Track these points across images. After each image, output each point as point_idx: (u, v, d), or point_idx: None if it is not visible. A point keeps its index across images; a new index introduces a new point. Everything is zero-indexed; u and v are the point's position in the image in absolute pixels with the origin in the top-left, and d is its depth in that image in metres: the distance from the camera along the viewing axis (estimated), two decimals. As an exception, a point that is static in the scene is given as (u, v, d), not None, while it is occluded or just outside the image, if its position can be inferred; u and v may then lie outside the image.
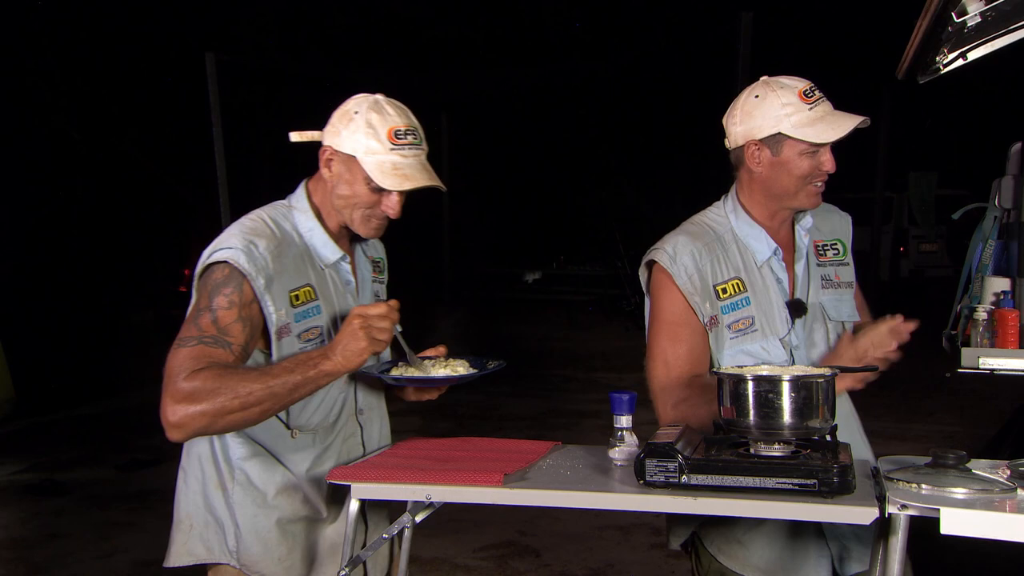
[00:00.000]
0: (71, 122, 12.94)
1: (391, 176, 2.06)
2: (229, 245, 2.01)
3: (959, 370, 2.58)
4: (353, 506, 1.95)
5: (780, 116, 2.17)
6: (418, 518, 2.10)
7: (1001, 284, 2.61)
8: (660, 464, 1.84)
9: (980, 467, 1.87)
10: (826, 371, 1.91)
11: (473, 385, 2.23)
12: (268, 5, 13.84)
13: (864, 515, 1.71)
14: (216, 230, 2.66)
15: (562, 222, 17.56)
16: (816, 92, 2.20)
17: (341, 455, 2.20)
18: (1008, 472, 1.83)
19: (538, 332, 12.50)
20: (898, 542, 1.70)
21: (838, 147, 2.25)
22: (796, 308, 2.22)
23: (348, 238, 2.22)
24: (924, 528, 1.70)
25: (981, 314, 2.59)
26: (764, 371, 1.94)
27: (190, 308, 2.02)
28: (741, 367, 2.01)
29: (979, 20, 2.34)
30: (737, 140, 2.26)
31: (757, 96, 2.22)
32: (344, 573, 1.96)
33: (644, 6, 13.43)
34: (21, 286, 10.77)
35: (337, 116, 2.13)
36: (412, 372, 2.15)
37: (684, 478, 1.82)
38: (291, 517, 2.12)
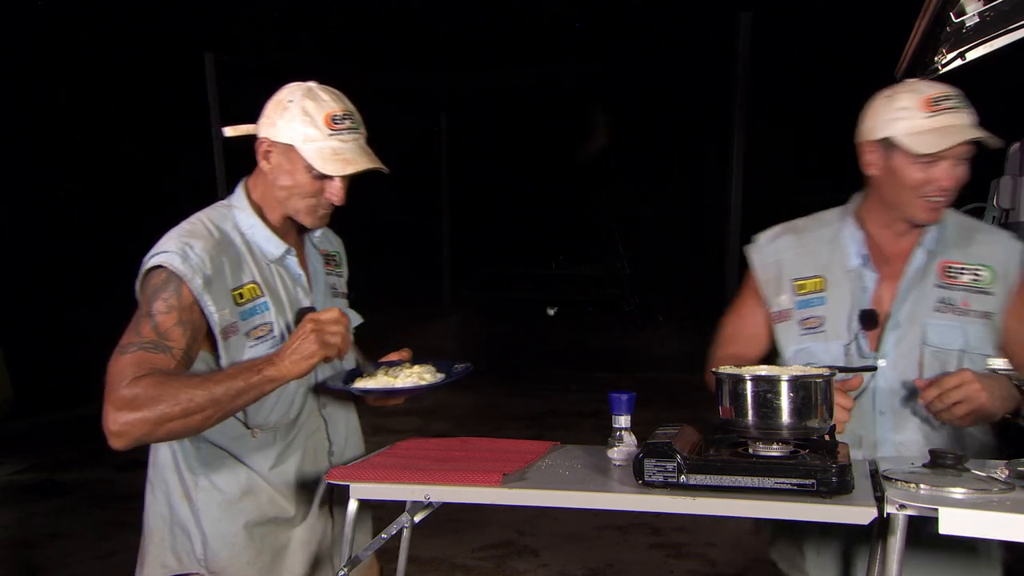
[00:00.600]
0: (70, 122, 12.94)
1: (332, 162, 2.02)
2: (164, 249, 1.98)
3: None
4: (352, 506, 1.95)
5: (893, 120, 2.06)
6: (417, 518, 2.10)
7: (1000, 284, 2.61)
8: (659, 464, 1.84)
9: (978, 467, 1.87)
10: (824, 371, 1.91)
11: (471, 385, 2.23)
12: (267, 5, 13.84)
13: (862, 515, 1.71)
14: None
15: (562, 222, 17.56)
16: (947, 102, 2.03)
17: (307, 451, 2.17)
18: (1007, 472, 1.83)
19: (538, 332, 12.50)
20: (897, 542, 1.71)
21: (834, 151, 2.24)
22: (867, 319, 2.14)
23: (295, 231, 2.18)
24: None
25: (980, 314, 2.60)
26: (763, 371, 1.95)
27: (140, 306, 1.99)
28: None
29: (977, 20, 2.34)
30: (857, 137, 2.16)
31: (885, 96, 2.12)
32: (343, 573, 1.97)
33: (643, 6, 13.43)
34: (21, 286, 10.77)
35: (271, 107, 2.10)
36: (375, 382, 2.13)
37: (683, 478, 1.83)
38: (258, 519, 2.09)
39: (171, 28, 12.73)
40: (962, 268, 2.13)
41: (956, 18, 2.22)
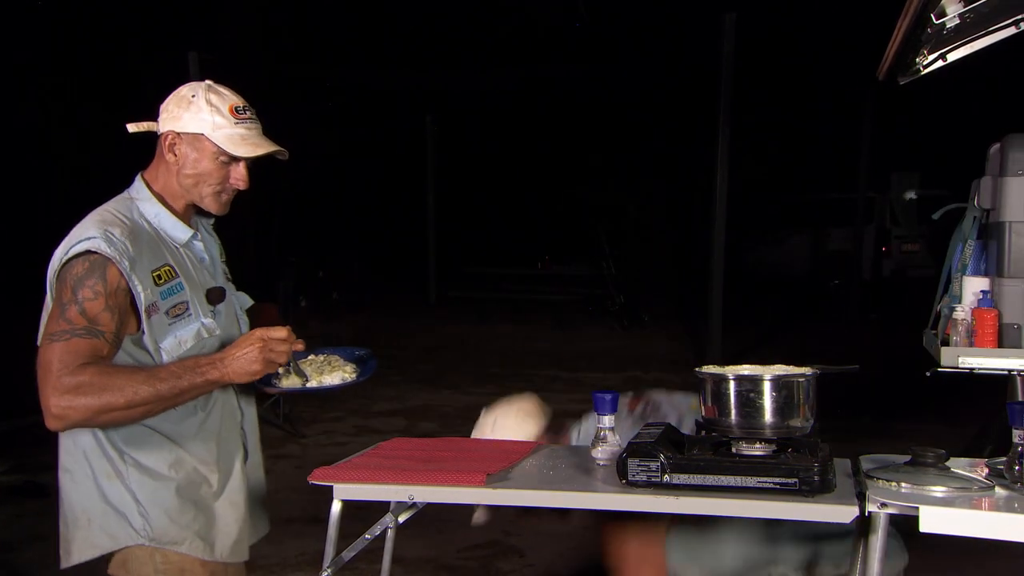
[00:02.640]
0: (53, 123, 12.86)
1: (242, 145, 2.18)
2: (87, 236, 2.04)
3: (939, 369, 2.61)
4: (335, 507, 1.95)
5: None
6: (401, 518, 2.10)
7: (980, 284, 2.63)
8: (642, 464, 1.85)
9: (959, 465, 1.88)
10: (807, 370, 1.92)
11: (456, 385, 2.25)
12: (252, 4, 13.78)
13: (844, 513, 1.72)
14: None
15: (547, 222, 17.58)
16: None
17: (224, 416, 2.25)
18: (987, 470, 1.85)
19: (523, 332, 12.50)
20: (878, 540, 1.71)
21: (816, 151, 2.25)
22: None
23: (193, 219, 2.31)
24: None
25: (960, 314, 2.62)
26: (745, 370, 1.95)
27: (50, 307, 2.05)
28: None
29: (958, 22, 2.36)
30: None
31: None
32: (327, 574, 1.96)
33: (629, 8, 13.45)
34: (1, 285, 10.69)
35: (173, 103, 2.21)
36: (292, 382, 2.23)
37: (666, 477, 1.83)
38: (186, 484, 2.16)
39: (154, 27, 12.67)
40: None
41: (937, 19, 2.24)
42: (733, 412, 1.89)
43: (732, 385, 1.88)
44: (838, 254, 13.82)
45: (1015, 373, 2.61)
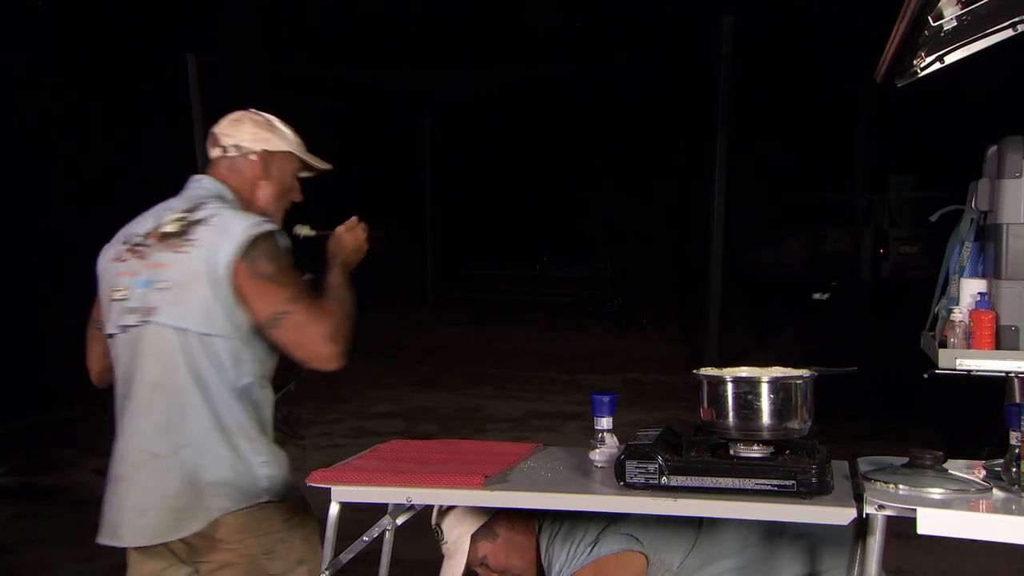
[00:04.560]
0: (49, 124, 12.85)
1: (317, 160, 2.43)
2: (259, 220, 2.23)
3: (936, 371, 2.60)
4: (333, 510, 1.95)
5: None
6: (399, 520, 2.10)
7: (977, 286, 2.63)
8: (640, 466, 1.85)
9: (957, 467, 1.89)
10: (805, 372, 1.92)
11: (454, 387, 2.27)
12: (250, 5, 13.78)
13: (842, 515, 1.72)
14: None
15: (546, 224, 17.56)
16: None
17: None
18: (984, 472, 1.85)
19: (522, 333, 12.49)
20: (875, 542, 1.72)
21: (815, 152, 2.25)
22: None
23: None
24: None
25: (958, 316, 2.62)
26: (743, 372, 1.96)
27: (267, 272, 2.15)
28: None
29: (955, 24, 2.36)
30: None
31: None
32: (325, 576, 1.96)
33: (628, 9, 13.46)
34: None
35: (251, 126, 2.35)
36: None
37: (664, 479, 1.83)
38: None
39: (153, 29, 12.67)
40: None
41: (934, 22, 2.23)
42: (731, 414, 1.89)
43: (730, 387, 1.89)
44: (837, 255, 13.82)
45: (1012, 375, 2.61)
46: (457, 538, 2.25)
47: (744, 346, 9.68)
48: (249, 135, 2.32)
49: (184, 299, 2.14)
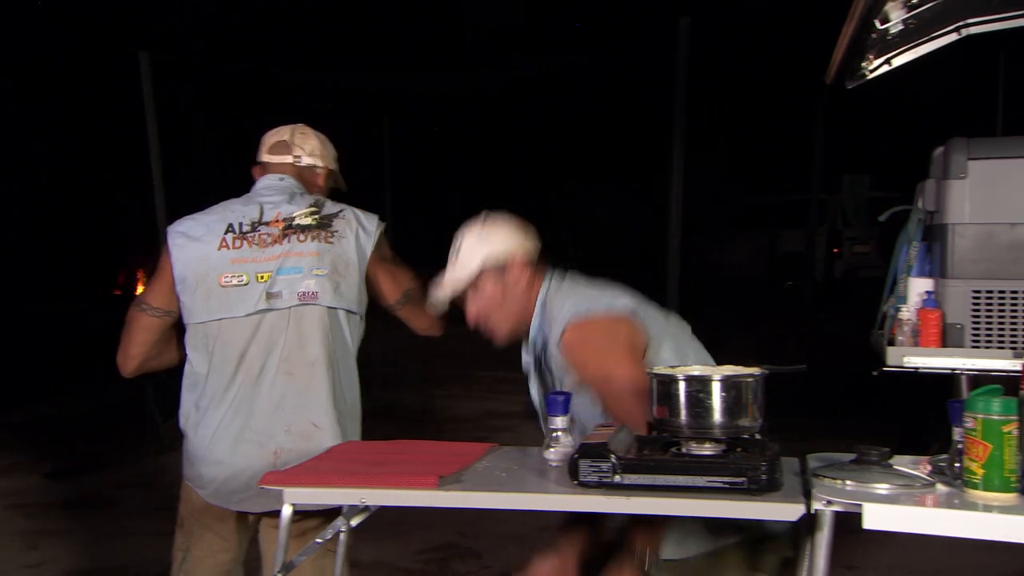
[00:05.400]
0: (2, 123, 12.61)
1: (342, 181, 2.89)
2: (375, 216, 2.69)
3: (885, 369, 2.66)
4: (286, 512, 1.93)
5: None
6: (353, 522, 2.09)
7: (924, 285, 2.69)
8: (593, 464, 1.86)
9: (903, 463, 1.92)
10: (755, 371, 1.94)
11: (415, 387, 2.31)
12: (205, 3, 13.62)
13: (791, 511, 1.74)
14: (152, 233, 2.73)
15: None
16: (452, 254, 2.43)
17: None
18: (929, 467, 1.88)
19: (479, 333, 12.49)
20: (824, 537, 1.74)
21: (769, 154, 2.28)
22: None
23: None
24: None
25: (905, 314, 2.67)
26: (695, 371, 1.97)
27: (391, 258, 2.72)
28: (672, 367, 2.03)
29: (902, 27, 2.41)
30: None
31: None
32: (278, 579, 1.95)
33: (587, 11, 13.52)
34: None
35: (318, 142, 2.76)
36: None
37: (617, 478, 1.84)
38: None
39: (104, 26, 12.47)
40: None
41: (881, 25, 2.28)
42: (683, 412, 1.90)
43: (682, 386, 1.90)
44: (792, 255, 14.00)
45: (958, 372, 2.67)
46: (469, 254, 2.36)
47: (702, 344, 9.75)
48: (320, 150, 2.73)
49: (342, 284, 2.50)
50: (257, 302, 2.44)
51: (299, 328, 2.45)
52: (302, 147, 2.67)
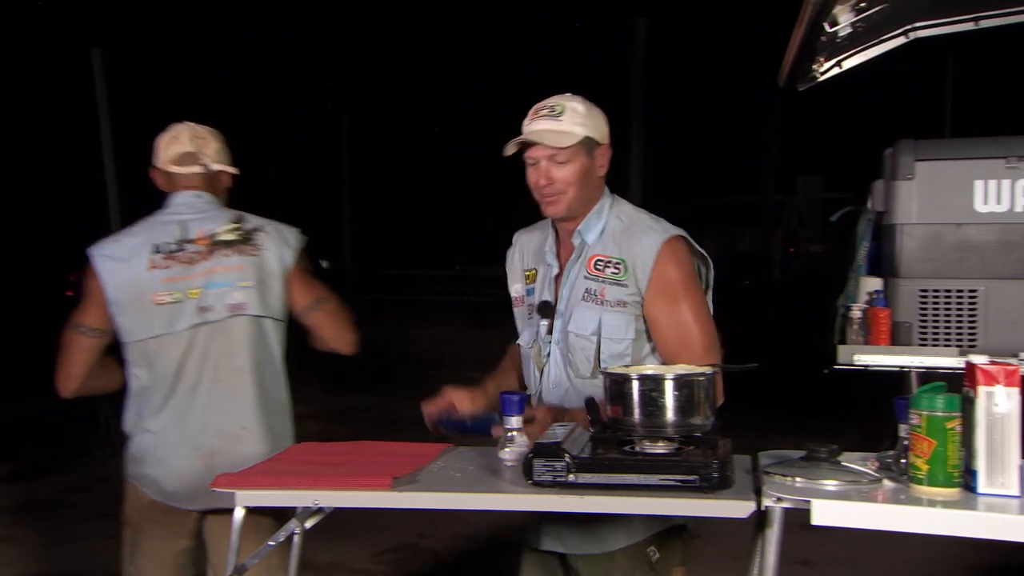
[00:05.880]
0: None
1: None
2: (295, 229, 2.78)
3: (835, 367, 2.70)
4: (238, 514, 1.91)
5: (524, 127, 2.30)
6: (308, 524, 2.08)
7: (874, 284, 2.74)
8: (547, 464, 1.86)
9: (852, 459, 1.94)
10: (707, 369, 1.96)
11: (373, 388, 2.30)
12: (163, 1, 13.44)
13: (742, 508, 1.76)
14: (104, 233, 2.70)
15: (464, 224, 17.56)
16: (544, 110, 2.27)
17: None
18: (876, 464, 1.91)
19: (442, 334, 12.48)
20: (774, 534, 1.76)
21: (726, 155, 2.31)
22: (543, 308, 2.34)
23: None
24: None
25: (856, 313, 2.72)
26: (648, 370, 1.99)
27: (308, 268, 2.77)
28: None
29: (850, 30, 2.45)
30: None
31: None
32: (230, 582, 1.93)
33: (543, 11, 13.56)
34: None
35: (216, 143, 2.74)
36: None
37: (571, 477, 1.85)
38: None
39: (57, 24, 12.26)
40: (607, 261, 2.30)
41: (830, 28, 2.31)
42: (636, 411, 1.91)
43: (635, 385, 1.91)
44: (749, 256, 14.16)
45: (908, 369, 2.72)
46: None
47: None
48: (221, 153, 2.76)
49: (267, 294, 2.63)
50: (191, 317, 2.57)
51: (229, 338, 2.60)
52: (206, 153, 2.73)
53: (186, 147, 2.71)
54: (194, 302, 2.57)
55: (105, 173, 8.15)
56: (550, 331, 2.32)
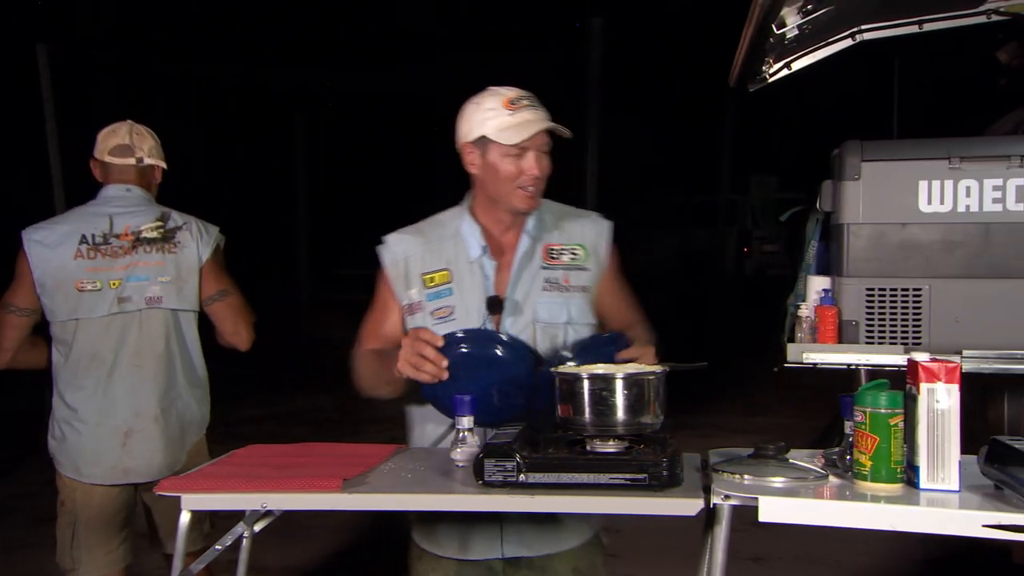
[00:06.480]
0: None
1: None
2: (214, 226, 3.04)
3: (785, 365, 2.73)
4: (184, 518, 1.88)
5: (483, 120, 2.24)
6: (257, 527, 2.05)
7: (822, 283, 2.77)
8: (498, 464, 1.86)
9: (800, 457, 1.97)
10: (657, 369, 1.97)
11: (329, 388, 2.30)
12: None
13: (691, 506, 1.77)
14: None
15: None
16: (524, 101, 2.25)
17: None
18: (822, 460, 1.94)
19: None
20: (722, 531, 1.78)
21: (680, 155, 2.33)
22: (492, 304, 2.30)
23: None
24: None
25: (805, 311, 2.75)
26: (599, 369, 1.99)
27: (221, 262, 3.02)
28: None
29: (798, 32, 2.48)
30: (456, 143, 2.34)
31: (474, 103, 2.29)
32: (176, 588, 1.91)
33: (500, 10, 13.56)
34: None
35: (152, 140, 3.01)
36: None
37: (522, 476, 1.85)
38: None
39: (2, 18, 11.99)
40: (561, 249, 2.36)
41: (778, 29, 2.34)
42: (587, 411, 1.92)
43: (586, 384, 1.92)
44: (702, 254, 14.30)
45: (856, 367, 2.76)
46: None
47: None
48: (156, 150, 2.98)
49: (184, 288, 2.90)
50: (110, 306, 2.83)
51: (147, 328, 2.87)
52: (142, 148, 2.95)
53: (123, 140, 2.93)
54: (114, 292, 2.84)
55: (51, 170, 8.00)
56: (497, 327, 2.29)
